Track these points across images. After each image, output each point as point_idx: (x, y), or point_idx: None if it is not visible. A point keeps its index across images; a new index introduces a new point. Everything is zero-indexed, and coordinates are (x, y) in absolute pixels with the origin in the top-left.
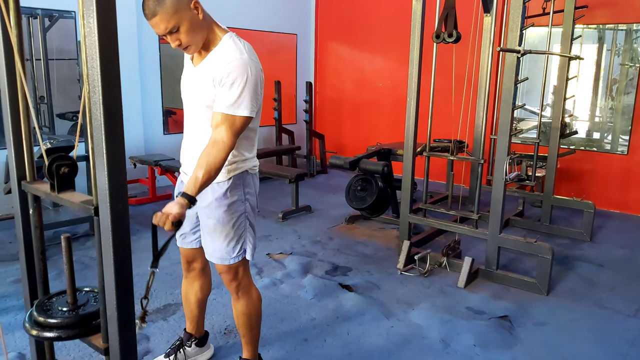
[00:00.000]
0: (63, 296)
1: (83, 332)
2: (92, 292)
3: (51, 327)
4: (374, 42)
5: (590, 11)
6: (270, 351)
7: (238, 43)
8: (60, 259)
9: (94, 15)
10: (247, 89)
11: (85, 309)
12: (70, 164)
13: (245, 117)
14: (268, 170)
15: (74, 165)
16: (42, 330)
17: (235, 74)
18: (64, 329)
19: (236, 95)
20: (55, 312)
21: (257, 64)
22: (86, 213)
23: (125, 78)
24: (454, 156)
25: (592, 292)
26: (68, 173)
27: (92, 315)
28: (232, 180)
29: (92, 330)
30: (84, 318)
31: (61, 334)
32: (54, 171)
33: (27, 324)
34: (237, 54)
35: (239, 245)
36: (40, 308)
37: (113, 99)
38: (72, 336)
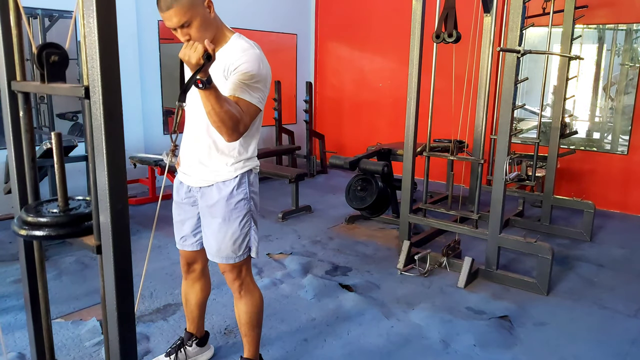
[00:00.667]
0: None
1: (74, 232)
2: (84, 200)
3: (41, 225)
4: (374, 42)
5: (590, 11)
6: (270, 351)
7: (248, 40)
8: (61, 259)
9: (94, 15)
10: (259, 81)
11: (77, 211)
12: (60, 53)
13: (257, 107)
14: (268, 170)
15: (65, 55)
16: (32, 229)
17: (249, 64)
18: (54, 227)
19: (248, 83)
20: (45, 213)
21: (267, 63)
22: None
23: (125, 78)
24: (454, 156)
25: (592, 292)
26: (58, 61)
27: (83, 216)
28: (239, 178)
29: (84, 231)
30: (76, 218)
31: (51, 232)
32: (44, 59)
33: (16, 225)
34: (250, 49)
35: (244, 243)
36: (30, 209)
37: (113, 99)
38: (62, 235)
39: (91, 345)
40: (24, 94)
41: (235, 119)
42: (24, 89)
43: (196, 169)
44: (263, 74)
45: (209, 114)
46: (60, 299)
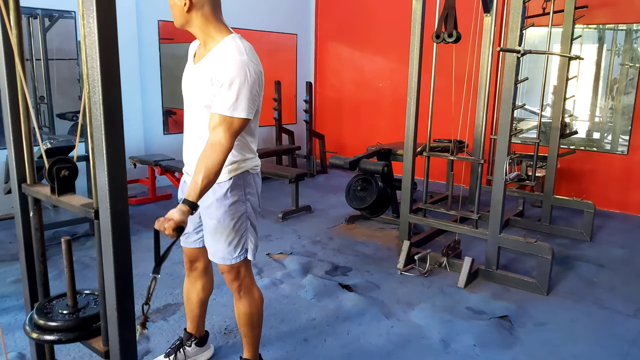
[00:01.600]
0: (63, 299)
1: (83, 335)
2: (92, 295)
3: (51, 330)
4: (374, 42)
5: (590, 11)
6: (270, 351)
7: (239, 44)
8: (60, 259)
9: (94, 15)
10: (245, 91)
11: (86, 311)
12: (70, 167)
13: (243, 119)
14: (268, 170)
15: (74, 168)
16: (43, 334)
17: (233, 75)
18: (64, 332)
19: (234, 97)
20: (55, 315)
21: (257, 66)
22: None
23: (125, 78)
24: (454, 156)
25: (592, 292)
26: (68, 176)
27: (92, 318)
28: (233, 181)
29: (92, 333)
30: (84, 321)
31: (61, 337)
32: (54, 174)
33: (28, 326)
34: (237, 55)
35: (240, 245)
36: (41, 311)
37: (113, 99)
38: (72, 339)
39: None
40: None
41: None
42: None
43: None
44: (251, 80)
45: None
46: None
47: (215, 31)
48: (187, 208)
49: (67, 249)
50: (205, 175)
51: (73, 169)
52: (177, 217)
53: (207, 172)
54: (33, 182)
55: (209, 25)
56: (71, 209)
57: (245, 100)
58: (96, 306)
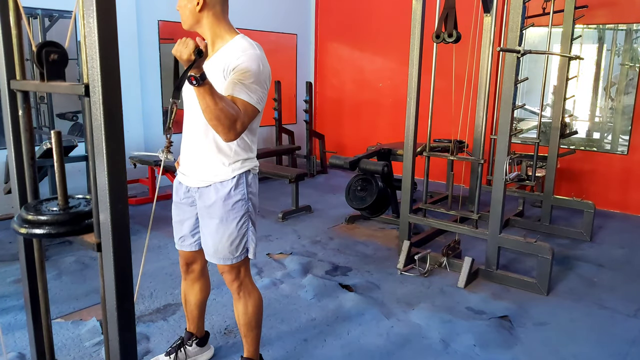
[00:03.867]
0: (54, 200)
1: (75, 230)
2: (84, 199)
3: (41, 223)
4: (374, 42)
5: (590, 11)
6: (270, 351)
7: (251, 41)
8: (60, 259)
9: (94, 15)
10: (258, 82)
11: (77, 209)
12: (60, 52)
13: (255, 108)
14: (268, 170)
15: (64, 54)
16: (32, 227)
17: (249, 64)
18: (54, 225)
19: (248, 84)
20: (45, 211)
21: (267, 63)
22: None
23: (125, 78)
24: (454, 156)
25: (592, 292)
26: (58, 60)
27: (83, 214)
28: (236, 179)
29: (84, 229)
30: (76, 216)
31: (51, 231)
32: (44, 58)
33: (16, 223)
34: (251, 49)
35: (242, 244)
36: (30, 207)
37: (113, 99)
38: (63, 233)
39: (91, 345)
40: (23, 93)
41: (231, 117)
42: (24, 87)
43: (194, 169)
44: (262, 75)
45: (205, 112)
46: (60, 299)
47: (225, 31)
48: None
49: (57, 141)
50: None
51: (63, 54)
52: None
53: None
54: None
55: (220, 25)
56: (61, 91)
57: (256, 91)
58: (87, 207)
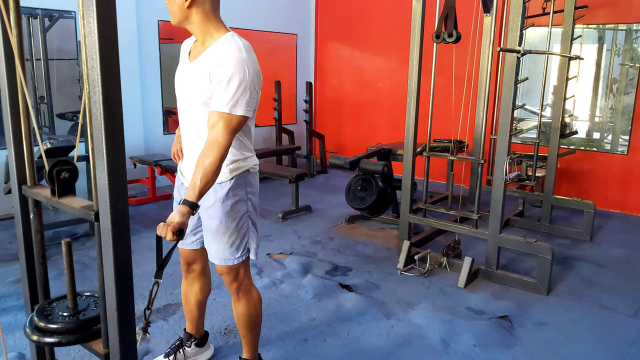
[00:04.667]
0: (63, 301)
1: (83, 338)
2: (92, 297)
3: (52, 332)
4: (374, 42)
5: (590, 11)
6: (270, 351)
7: (238, 41)
8: (60, 259)
9: (94, 15)
10: (244, 88)
11: (86, 314)
12: (71, 169)
13: (242, 117)
14: (268, 170)
15: (74, 170)
16: (43, 336)
17: (232, 72)
18: (64, 334)
19: (232, 94)
20: (55, 317)
21: (255, 64)
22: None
23: (125, 78)
24: (454, 156)
25: (592, 292)
26: (68, 178)
27: (92, 320)
28: (234, 180)
29: (93, 335)
30: (84, 323)
31: (62, 340)
32: (55, 176)
33: (28, 329)
34: (235, 52)
35: (242, 245)
36: (41, 313)
37: (113, 99)
38: (72, 342)
39: None
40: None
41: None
42: (36, 197)
43: (192, 171)
44: (248, 79)
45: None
46: None
47: (214, 29)
48: (187, 209)
49: (67, 251)
50: (204, 174)
51: (73, 171)
52: (177, 220)
53: (206, 171)
54: (33, 184)
55: (209, 23)
56: (71, 211)
57: (244, 97)
58: (96, 308)
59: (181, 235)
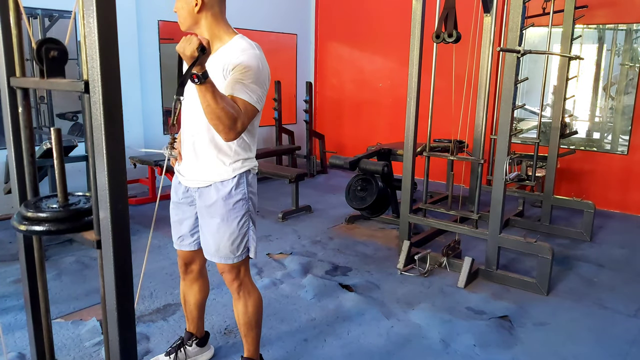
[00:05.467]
0: (54, 198)
1: (74, 227)
2: (84, 196)
3: (40, 220)
4: (374, 42)
5: (590, 11)
6: (270, 351)
7: (249, 41)
8: (60, 259)
9: (94, 15)
10: (258, 82)
11: (77, 207)
12: (60, 49)
13: (255, 108)
14: (268, 170)
15: (64, 51)
16: (31, 224)
17: (248, 63)
18: (54, 222)
19: (248, 84)
20: (45, 208)
21: (267, 64)
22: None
23: (125, 78)
24: (454, 156)
25: (592, 292)
26: (57, 57)
27: (83, 211)
28: (237, 179)
29: (84, 226)
30: (75, 213)
31: (51, 227)
32: (43, 55)
33: (16, 220)
34: (250, 49)
35: (243, 243)
36: (30, 204)
37: (113, 99)
38: (62, 230)
39: (91, 345)
40: (23, 90)
41: (232, 116)
42: (23, 84)
43: (194, 169)
44: (262, 75)
45: (206, 110)
46: (60, 299)
47: (223, 32)
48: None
49: (57, 137)
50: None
51: (62, 51)
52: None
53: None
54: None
55: (218, 26)
56: (61, 87)
57: (256, 90)
58: (87, 204)
59: (203, 50)
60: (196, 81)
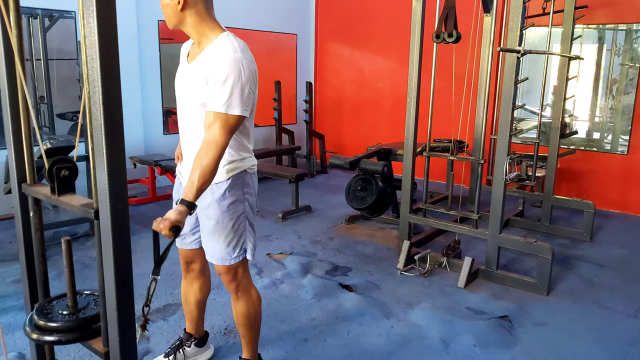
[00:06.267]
0: (63, 299)
1: (83, 336)
2: (92, 295)
3: (51, 330)
4: (374, 42)
5: (590, 11)
6: (270, 351)
7: (233, 41)
8: (60, 259)
9: (94, 15)
10: (240, 88)
11: (86, 312)
12: (70, 167)
13: (238, 116)
14: (268, 170)
15: (74, 168)
16: (43, 334)
17: (227, 72)
18: (64, 332)
19: (228, 94)
20: (55, 315)
21: (251, 63)
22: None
23: (125, 78)
24: (454, 156)
25: (592, 292)
26: (68, 176)
27: (92, 318)
28: (231, 181)
29: (92, 334)
30: (84, 321)
31: (61, 338)
32: (54, 174)
33: (28, 327)
34: (231, 52)
35: (239, 245)
36: (41, 311)
37: (113, 99)
38: (72, 340)
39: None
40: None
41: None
42: (35, 195)
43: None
44: (244, 78)
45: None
46: None
47: (209, 29)
48: (184, 208)
49: (67, 249)
50: (202, 174)
51: (73, 169)
52: (173, 217)
53: (203, 170)
54: (33, 182)
55: (203, 24)
56: (71, 209)
57: (240, 97)
58: (96, 307)
59: (177, 232)
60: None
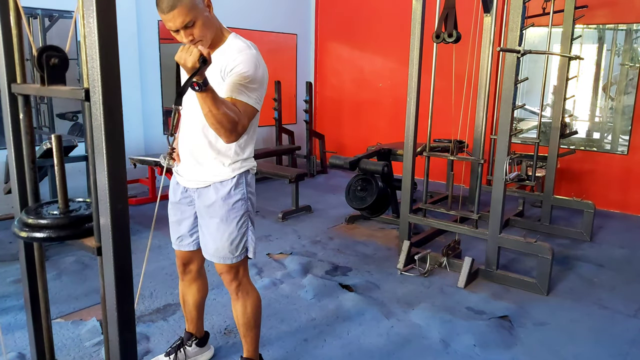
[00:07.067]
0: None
1: (75, 234)
2: (84, 202)
3: (41, 227)
4: (374, 42)
5: (590, 11)
6: (270, 351)
7: (245, 40)
8: (60, 259)
9: (94, 15)
10: (256, 82)
11: (77, 213)
12: (60, 56)
13: (254, 108)
14: (268, 170)
15: (65, 58)
16: (32, 231)
17: (247, 64)
18: (54, 229)
19: (246, 85)
20: (45, 215)
21: (263, 62)
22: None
23: (125, 78)
24: (454, 156)
25: (592, 292)
26: (58, 64)
27: (84, 218)
28: (236, 179)
29: (84, 232)
30: (76, 220)
31: (51, 234)
32: (44, 62)
33: (17, 227)
34: (247, 49)
35: (242, 244)
36: (30, 211)
37: (113, 99)
38: (63, 236)
39: (91, 345)
40: (24, 97)
41: (232, 120)
42: (24, 91)
43: (193, 170)
44: (260, 75)
45: (207, 116)
46: (60, 299)
47: (223, 29)
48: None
49: (57, 145)
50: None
51: (63, 59)
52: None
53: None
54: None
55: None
56: (62, 95)
57: (256, 91)
58: (88, 210)
59: (205, 62)
60: (197, 89)
